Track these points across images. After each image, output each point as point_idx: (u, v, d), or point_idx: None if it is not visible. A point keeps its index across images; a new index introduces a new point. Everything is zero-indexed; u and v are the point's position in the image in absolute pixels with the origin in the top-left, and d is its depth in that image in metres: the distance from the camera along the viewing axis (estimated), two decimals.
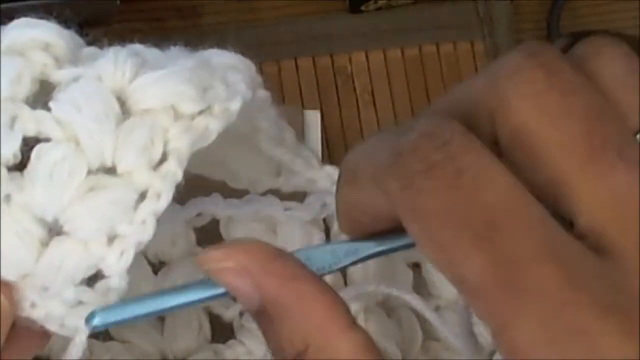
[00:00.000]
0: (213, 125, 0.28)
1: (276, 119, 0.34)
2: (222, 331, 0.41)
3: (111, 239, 0.26)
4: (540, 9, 0.56)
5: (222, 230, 0.40)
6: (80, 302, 0.26)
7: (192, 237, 0.40)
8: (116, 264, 0.26)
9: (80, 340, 0.26)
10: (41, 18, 0.28)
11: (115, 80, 0.27)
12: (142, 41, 0.50)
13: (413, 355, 0.41)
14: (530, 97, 0.21)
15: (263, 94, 0.32)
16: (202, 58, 0.29)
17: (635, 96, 0.22)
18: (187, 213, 0.39)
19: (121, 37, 0.51)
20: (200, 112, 0.28)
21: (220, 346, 0.41)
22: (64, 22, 0.29)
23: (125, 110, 0.27)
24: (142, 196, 0.26)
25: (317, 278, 0.24)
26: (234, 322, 0.41)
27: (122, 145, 0.26)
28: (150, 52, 0.29)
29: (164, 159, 0.27)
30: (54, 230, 0.26)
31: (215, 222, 0.40)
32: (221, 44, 0.51)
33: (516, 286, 0.20)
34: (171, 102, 0.27)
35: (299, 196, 0.40)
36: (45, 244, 0.26)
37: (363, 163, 0.24)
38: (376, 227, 0.25)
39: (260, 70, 0.52)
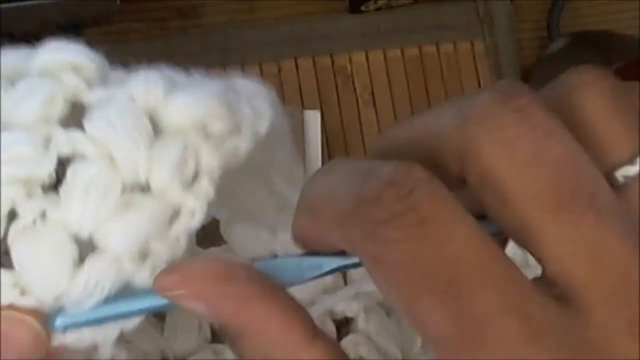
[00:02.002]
0: (243, 146, 0.28)
1: (291, 151, 0.34)
2: None
3: (143, 255, 0.26)
4: (540, 9, 0.56)
5: (222, 230, 0.40)
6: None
7: (192, 237, 0.40)
8: (147, 280, 0.26)
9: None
10: (70, 41, 0.29)
11: (148, 100, 0.27)
12: (142, 41, 0.51)
13: (413, 355, 0.41)
14: (501, 143, 0.21)
15: (285, 122, 0.32)
16: (227, 82, 0.30)
17: (620, 127, 0.22)
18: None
19: (121, 37, 0.51)
20: (230, 132, 0.28)
21: (220, 346, 0.41)
22: (66, 21, 0.29)
23: (157, 129, 0.27)
24: (175, 214, 0.27)
25: (275, 293, 0.24)
26: None
27: (156, 163, 0.26)
28: (177, 75, 0.29)
29: (196, 177, 0.27)
30: (88, 247, 0.26)
31: (215, 222, 0.40)
32: (221, 43, 0.51)
33: (478, 340, 0.20)
34: (203, 121, 0.27)
35: None
36: (78, 262, 0.26)
37: (325, 204, 0.23)
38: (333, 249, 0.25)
39: (260, 70, 0.53)
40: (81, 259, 0.26)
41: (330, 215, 0.23)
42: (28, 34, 0.46)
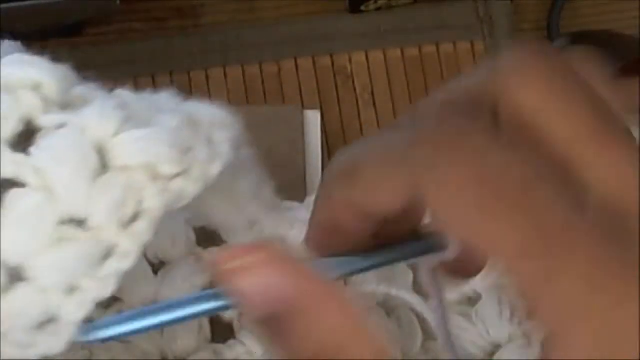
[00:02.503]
0: (190, 189, 0.27)
1: (257, 177, 0.34)
2: (222, 331, 0.41)
3: (71, 290, 0.26)
4: (540, 9, 0.56)
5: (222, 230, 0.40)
6: (30, 345, 0.26)
7: (192, 237, 0.40)
8: (73, 315, 0.26)
9: None
10: (34, 55, 0.28)
11: (98, 133, 0.27)
12: (142, 41, 0.51)
13: (413, 355, 0.41)
14: (534, 87, 0.22)
15: (246, 153, 0.32)
16: (188, 113, 0.29)
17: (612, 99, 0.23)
18: (187, 213, 0.39)
19: (121, 37, 0.51)
20: (178, 174, 0.27)
21: (220, 346, 0.41)
22: (66, 21, 0.29)
23: (104, 164, 0.27)
24: (109, 253, 0.26)
25: (330, 279, 0.24)
26: (234, 322, 0.41)
27: (96, 200, 0.26)
28: (137, 103, 0.28)
29: (135, 218, 0.27)
30: (15, 276, 0.26)
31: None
32: (221, 43, 0.51)
33: (557, 246, 0.21)
34: (150, 162, 0.27)
35: (299, 196, 0.40)
36: (5, 289, 0.25)
37: (372, 154, 0.24)
38: (360, 231, 0.25)
39: (260, 70, 0.53)
40: (8, 287, 0.25)
41: (378, 161, 0.23)
42: (28, 33, 0.46)
